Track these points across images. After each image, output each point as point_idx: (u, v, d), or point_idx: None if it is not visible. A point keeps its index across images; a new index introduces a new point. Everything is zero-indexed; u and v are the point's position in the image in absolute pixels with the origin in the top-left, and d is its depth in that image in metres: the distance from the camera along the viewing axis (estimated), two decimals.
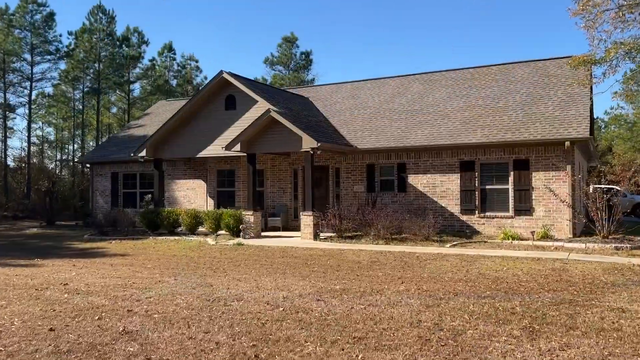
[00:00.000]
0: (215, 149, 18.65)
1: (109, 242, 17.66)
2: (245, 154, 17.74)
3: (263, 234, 17.95)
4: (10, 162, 44.73)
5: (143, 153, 19.69)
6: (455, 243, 14.64)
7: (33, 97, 44.81)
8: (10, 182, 41.17)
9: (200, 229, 18.66)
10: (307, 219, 16.39)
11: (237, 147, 17.18)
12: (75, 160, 46.73)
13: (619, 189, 17.64)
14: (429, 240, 15.16)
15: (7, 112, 43.93)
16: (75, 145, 51.84)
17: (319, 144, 15.97)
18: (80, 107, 48.11)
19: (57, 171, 45.01)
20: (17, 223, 28.92)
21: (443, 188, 17.32)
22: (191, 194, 21.99)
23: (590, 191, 15.04)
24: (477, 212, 16.78)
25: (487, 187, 16.78)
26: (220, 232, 18.01)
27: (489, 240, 15.26)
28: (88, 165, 25.83)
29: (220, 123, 18.67)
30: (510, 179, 16.34)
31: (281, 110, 17.21)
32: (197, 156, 19.51)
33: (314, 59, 71.08)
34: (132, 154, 20.28)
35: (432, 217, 15.67)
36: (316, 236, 16.27)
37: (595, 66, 11.87)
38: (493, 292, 8.63)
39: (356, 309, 7.44)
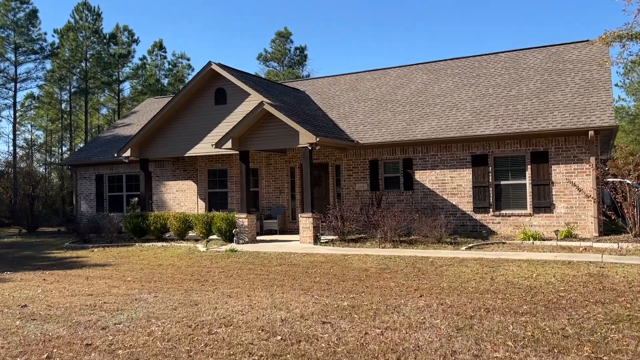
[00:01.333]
0: (205, 147, 17.20)
1: (91, 251, 16.21)
2: (237, 152, 16.30)
3: (258, 238, 16.52)
4: None
5: (127, 153, 18.23)
6: (470, 245, 13.25)
7: (18, 98, 43.30)
8: None
9: (191, 233, 17.22)
10: (306, 221, 14.98)
11: (229, 144, 15.74)
12: (58, 162, 45.15)
13: (630, 182, 16.27)
14: (441, 242, 13.75)
15: None
16: (64, 148, 50.24)
17: (317, 139, 14.55)
18: (68, 108, 46.56)
19: (46, 175, 43.35)
20: (3, 230, 27.42)
21: (453, 185, 15.91)
22: (181, 196, 20.52)
23: (617, 184, 13.65)
24: (491, 210, 15.38)
25: (502, 182, 15.39)
26: (212, 237, 16.58)
27: (507, 241, 13.87)
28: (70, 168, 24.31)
29: (210, 119, 17.23)
30: (528, 173, 14.95)
31: (276, 103, 15.78)
32: (186, 155, 18.05)
33: (309, 54, 69.80)
34: (115, 154, 18.81)
35: (443, 216, 14.26)
36: (317, 240, 14.85)
37: (631, 42, 10.53)
38: (531, 307, 7.24)
39: (371, 334, 6.03)
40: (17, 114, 42.54)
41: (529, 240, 13.56)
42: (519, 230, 14.69)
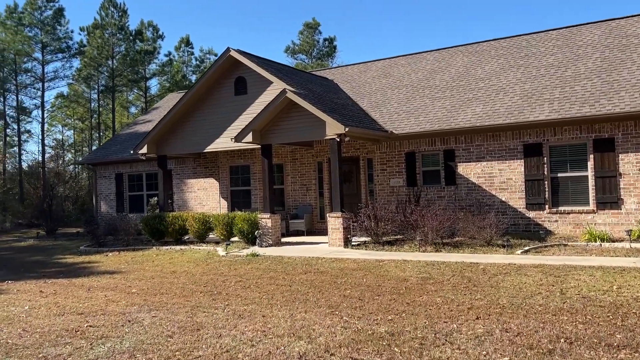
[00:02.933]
0: (225, 141, 15.81)
1: (105, 255, 15.05)
2: (259, 146, 14.83)
3: (284, 239, 15.03)
4: (26, 167, 43.14)
5: (144, 149, 17.02)
6: (526, 248, 11.41)
7: (47, 98, 43.18)
8: (28, 188, 39.36)
9: (211, 235, 15.88)
10: (335, 222, 13.40)
11: (249, 137, 14.29)
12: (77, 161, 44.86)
13: None
14: (491, 245, 11.95)
15: (22, 115, 42.28)
16: (93, 147, 50.04)
17: (346, 129, 12.93)
18: (97, 107, 46.24)
19: (74, 175, 43.07)
20: (30, 231, 26.85)
21: (502, 178, 14.05)
22: (202, 195, 19.24)
23: None
24: (547, 206, 13.46)
25: (559, 175, 13.44)
26: (233, 239, 15.19)
27: (569, 242, 11.96)
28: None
29: (230, 111, 15.83)
30: (590, 163, 12.97)
31: (300, 91, 14.24)
32: (206, 151, 16.71)
33: (339, 45, 68.13)
34: (131, 151, 17.64)
35: (493, 215, 12.43)
36: (347, 242, 13.25)
37: None
38: (626, 335, 5.50)
39: None
40: (45, 114, 42.37)
41: (596, 241, 11.63)
42: (580, 229, 12.75)
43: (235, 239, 15.11)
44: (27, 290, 9.91)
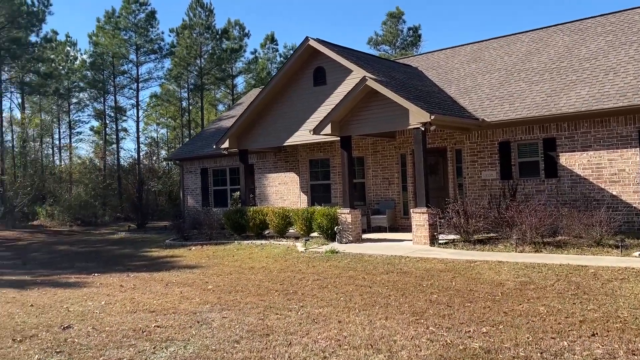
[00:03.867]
0: (304, 134, 15.35)
1: (188, 249, 15.16)
2: (338, 138, 14.19)
3: (365, 236, 14.30)
4: (124, 164, 45.72)
5: (225, 144, 17.01)
6: None
7: (141, 97, 45.47)
8: (125, 183, 41.74)
9: (291, 230, 15.50)
10: (420, 218, 12.45)
11: (327, 129, 13.69)
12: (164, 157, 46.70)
13: None
14: (601, 245, 10.45)
15: (119, 115, 44.85)
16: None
17: (432, 117, 11.93)
18: (186, 105, 48.05)
19: (167, 170, 45.02)
20: (126, 224, 28.28)
21: (613, 170, 12.36)
22: (283, 190, 18.96)
23: None
24: None
25: None
26: (313, 234, 14.70)
27: None
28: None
29: (309, 103, 15.34)
30: None
31: (381, 78, 13.40)
32: (285, 144, 16.37)
33: (424, 34, 65.89)
34: (214, 146, 17.72)
35: (603, 211, 10.87)
36: (433, 241, 12.26)
37: None
38: None
39: None
40: (140, 113, 44.64)
41: None
42: None
43: (315, 234, 14.61)
44: (109, 284, 9.98)
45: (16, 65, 37.24)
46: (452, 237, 12.46)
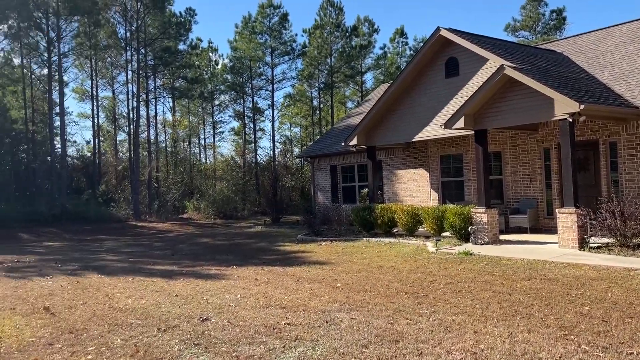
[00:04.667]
0: (434, 129, 14.75)
1: (318, 245, 15.41)
2: (472, 132, 13.39)
3: (502, 237, 13.34)
4: (261, 161, 48.27)
5: (354, 141, 17.00)
6: None
7: (275, 98, 47.60)
8: (262, 180, 44.08)
9: (421, 229, 15.02)
10: (567, 219, 11.25)
11: (460, 122, 12.97)
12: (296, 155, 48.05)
13: None
14: None
15: (256, 115, 47.42)
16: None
17: (581, 107, 10.69)
18: (317, 104, 49.31)
19: (299, 167, 46.63)
20: (263, 218, 29.89)
21: None
22: (412, 187, 18.47)
23: None
24: None
25: None
26: (444, 234, 14.08)
27: None
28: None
29: (440, 96, 14.70)
30: None
31: (520, 66, 12.35)
32: (414, 140, 15.89)
33: (569, 16, 60.27)
34: (342, 143, 17.81)
35: None
36: (583, 244, 11.00)
37: None
38: None
39: None
40: (275, 113, 46.78)
41: None
42: None
43: (446, 234, 13.98)
44: (245, 277, 10.42)
45: (167, 72, 41.07)
46: (605, 240, 11.09)
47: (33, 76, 39.09)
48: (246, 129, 48.82)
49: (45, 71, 36.16)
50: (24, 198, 34.73)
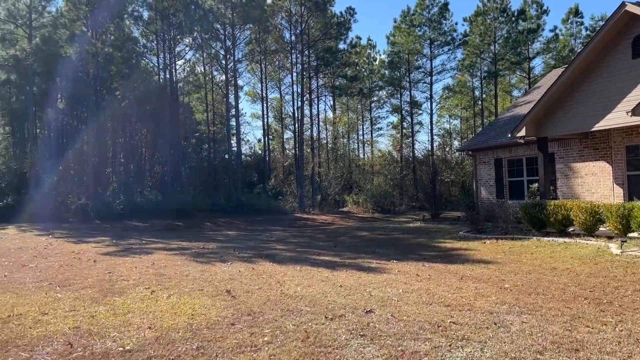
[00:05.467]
0: (619, 116, 13.12)
1: (482, 242, 14.75)
2: None
3: None
4: (419, 156, 47.72)
5: (522, 132, 15.88)
6: None
7: (434, 90, 46.62)
8: (420, 174, 43.64)
9: (602, 229, 13.51)
10: None
11: None
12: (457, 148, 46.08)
13: None
14: None
15: (414, 109, 46.96)
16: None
17: None
18: (478, 94, 47.11)
19: (459, 161, 45.08)
20: (420, 214, 29.65)
21: None
22: (591, 182, 16.65)
23: None
24: None
25: None
26: (632, 234, 12.49)
27: None
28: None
29: (624, 79, 13.03)
30: None
31: None
32: (594, 129, 14.30)
33: None
34: (509, 135, 16.76)
35: None
36: None
37: None
38: None
39: None
40: (433, 106, 45.82)
41: None
42: None
43: (635, 234, 12.37)
44: (406, 272, 10.41)
45: (328, 71, 42.71)
46: None
47: (213, 82, 43.65)
48: (404, 123, 48.65)
49: (223, 77, 40.13)
50: (206, 191, 39.04)
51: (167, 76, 36.72)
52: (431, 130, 44.41)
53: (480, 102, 47.73)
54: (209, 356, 5.27)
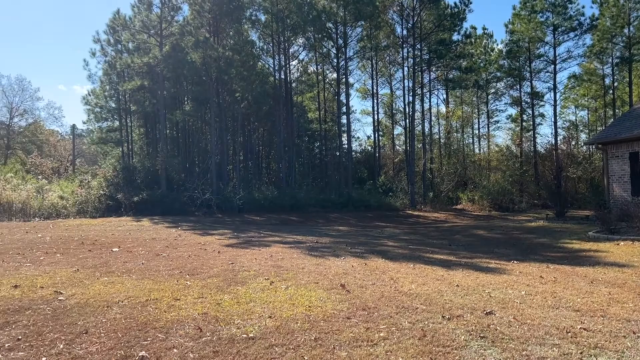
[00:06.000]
0: None
1: (615, 244, 13.52)
2: None
3: None
4: (541, 150, 44.74)
5: None
6: None
7: (558, 80, 43.34)
8: (542, 170, 40.91)
9: None
10: None
11: None
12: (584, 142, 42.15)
13: None
14: None
15: (535, 100, 44.11)
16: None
17: None
18: (609, 82, 43.00)
19: (587, 155, 41.54)
20: (543, 212, 27.86)
21: None
22: None
23: None
24: None
25: None
26: None
27: None
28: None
29: None
30: None
31: None
32: None
33: None
34: None
35: None
36: None
37: None
38: None
39: None
40: (557, 96, 42.65)
41: None
42: None
43: None
44: (528, 273, 9.84)
45: (441, 64, 41.56)
46: None
47: (325, 81, 44.50)
48: (523, 115, 45.90)
49: (335, 75, 40.76)
50: (317, 187, 39.98)
51: (282, 77, 38.09)
52: (555, 122, 41.40)
53: (611, 91, 43.59)
54: (326, 348, 5.39)
